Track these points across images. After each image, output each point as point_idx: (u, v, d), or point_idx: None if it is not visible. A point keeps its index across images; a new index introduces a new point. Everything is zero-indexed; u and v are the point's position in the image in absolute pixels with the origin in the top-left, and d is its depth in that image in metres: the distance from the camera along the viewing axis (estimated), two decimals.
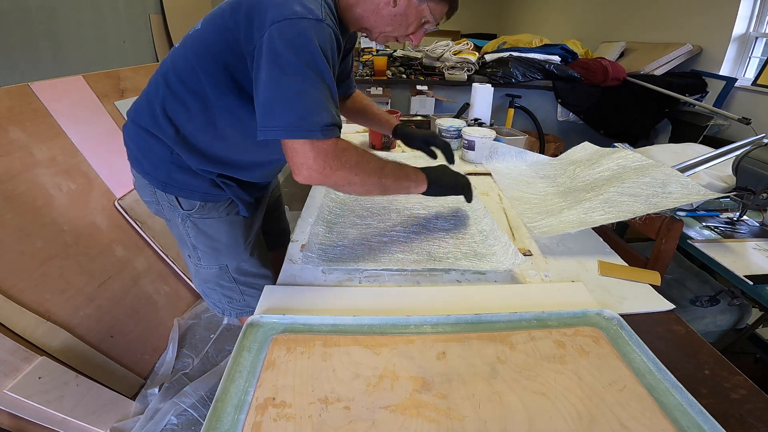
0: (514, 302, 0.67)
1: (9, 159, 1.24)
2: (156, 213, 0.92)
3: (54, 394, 1.09)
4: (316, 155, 0.64)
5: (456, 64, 2.82)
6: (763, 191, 1.00)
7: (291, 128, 0.62)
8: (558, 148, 2.71)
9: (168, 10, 3.19)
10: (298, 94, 0.62)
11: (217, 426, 0.45)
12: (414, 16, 0.77)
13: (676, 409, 0.48)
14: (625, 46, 3.40)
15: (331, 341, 0.57)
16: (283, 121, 0.62)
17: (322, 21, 0.63)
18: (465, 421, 0.46)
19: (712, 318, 1.17)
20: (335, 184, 0.69)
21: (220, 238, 0.90)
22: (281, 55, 0.61)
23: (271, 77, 0.62)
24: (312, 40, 0.62)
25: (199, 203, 0.85)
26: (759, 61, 2.57)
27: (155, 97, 0.78)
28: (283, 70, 0.61)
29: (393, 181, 0.74)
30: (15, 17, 2.11)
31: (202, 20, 0.76)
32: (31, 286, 1.17)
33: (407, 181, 0.78)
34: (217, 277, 0.96)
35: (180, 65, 0.75)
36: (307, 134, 0.62)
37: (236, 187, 0.85)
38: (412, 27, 0.79)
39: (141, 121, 0.80)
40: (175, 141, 0.78)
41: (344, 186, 0.70)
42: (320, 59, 0.63)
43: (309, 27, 0.62)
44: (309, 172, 0.65)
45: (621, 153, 1.06)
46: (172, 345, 1.55)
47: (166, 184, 0.82)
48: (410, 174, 0.79)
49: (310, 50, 0.62)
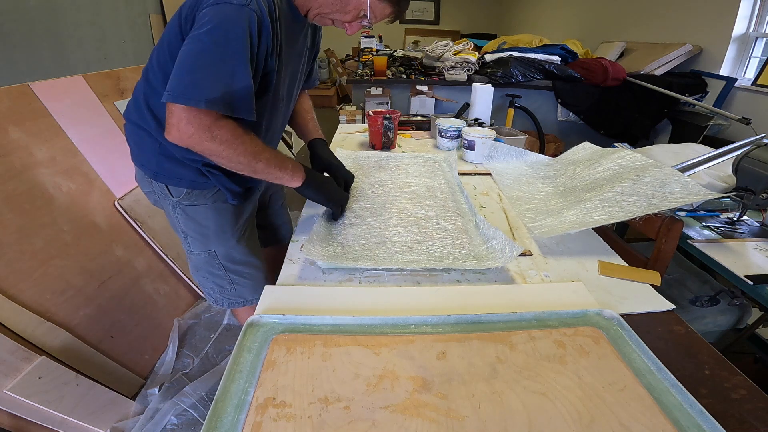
0: (514, 302, 0.67)
1: (9, 159, 1.24)
2: (155, 203, 0.99)
3: (54, 394, 1.09)
4: (188, 122, 0.69)
5: (456, 64, 2.82)
6: (763, 191, 1.00)
7: (176, 93, 0.67)
8: (558, 148, 2.71)
9: (168, 10, 3.19)
10: (196, 66, 0.68)
11: (217, 426, 0.45)
12: (354, 4, 0.79)
13: (676, 409, 0.48)
14: (625, 46, 3.40)
15: (331, 341, 0.57)
16: (174, 86, 0.68)
17: (245, 6, 0.68)
18: (465, 421, 0.46)
19: (712, 318, 1.17)
20: (202, 152, 0.74)
21: (208, 225, 0.95)
22: (199, 32, 0.68)
23: (184, 49, 0.69)
24: (229, 22, 0.68)
25: (186, 190, 0.90)
26: (759, 61, 2.57)
27: (139, 93, 0.86)
28: (193, 44, 0.68)
29: (265, 166, 0.79)
30: (15, 17, 2.11)
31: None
32: (31, 286, 1.17)
33: (281, 171, 0.82)
34: (206, 264, 1.00)
35: (155, 59, 0.82)
36: (187, 101, 0.67)
37: (222, 176, 0.88)
38: (350, 15, 0.81)
39: (131, 117, 0.89)
40: (158, 132, 0.83)
41: (212, 157, 0.75)
42: (235, 42, 0.68)
43: (230, 11, 0.68)
44: (178, 134, 0.70)
45: (621, 153, 1.06)
46: (172, 345, 1.55)
47: (156, 173, 0.88)
48: (288, 167, 0.83)
49: (224, 31, 0.68)
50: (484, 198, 1.10)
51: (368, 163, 1.28)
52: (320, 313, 0.63)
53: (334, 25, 0.86)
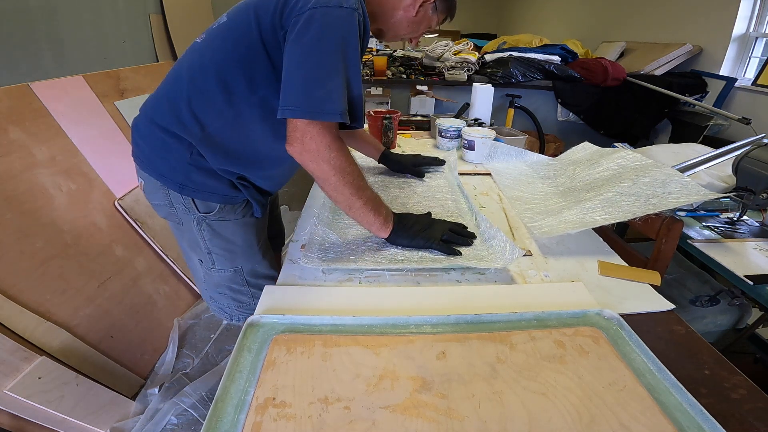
0: (514, 302, 0.67)
1: (9, 159, 1.24)
2: (166, 216, 0.89)
3: (54, 394, 1.09)
4: (312, 137, 0.66)
5: (456, 64, 2.82)
6: (763, 191, 1.00)
7: (308, 109, 0.65)
8: (558, 148, 2.71)
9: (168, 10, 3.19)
10: (322, 78, 0.65)
11: (217, 426, 0.45)
12: (426, 23, 0.86)
13: (676, 409, 0.48)
14: (625, 46, 3.40)
15: (331, 341, 0.57)
16: (303, 101, 0.65)
17: (355, 10, 0.66)
18: (465, 421, 0.46)
19: (712, 318, 1.17)
20: (313, 172, 0.71)
21: (236, 241, 0.90)
22: (311, 38, 0.64)
23: (296, 59, 0.66)
24: (343, 29, 0.65)
25: (219, 205, 0.84)
26: (759, 61, 2.57)
27: (178, 95, 0.77)
28: (309, 53, 0.64)
29: (363, 204, 0.74)
30: (15, 17, 2.11)
31: (227, 13, 0.78)
32: (31, 286, 1.17)
33: (375, 215, 0.77)
34: (230, 281, 0.94)
35: (209, 59, 0.74)
36: (323, 116, 0.65)
37: (252, 188, 0.86)
38: (420, 32, 0.88)
39: (160, 121, 0.78)
40: (200, 139, 0.77)
41: (318, 181, 0.72)
42: (352, 50, 0.66)
43: (343, 16, 0.65)
44: (301, 148, 0.68)
45: (621, 153, 1.06)
46: (172, 345, 1.55)
47: (183, 185, 0.81)
48: (383, 212, 0.78)
49: (341, 38, 0.65)
50: (484, 198, 1.10)
51: (368, 163, 1.28)
52: (320, 313, 0.63)
53: (402, 40, 0.94)
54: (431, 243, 0.79)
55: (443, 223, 0.84)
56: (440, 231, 0.81)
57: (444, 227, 0.82)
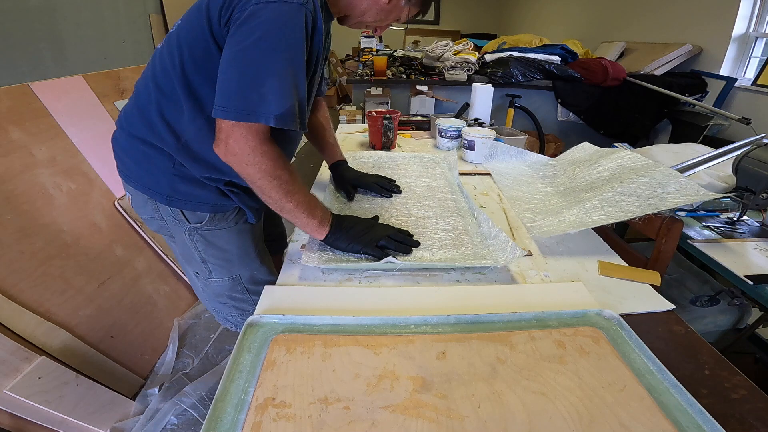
0: (514, 302, 0.67)
1: (9, 159, 1.24)
2: (158, 230, 0.87)
3: (54, 394, 1.09)
4: (236, 139, 0.64)
5: (456, 64, 2.82)
6: (763, 191, 1.00)
7: (240, 110, 0.62)
8: (558, 148, 2.71)
9: (168, 10, 3.19)
10: (258, 78, 0.61)
11: (217, 426, 0.45)
12: (395, 14, 0.82)
13: (676, 409, 0.48)
14: (625, 46, 3.40)
15: (331, 341, 0.57)
16: (234, 102, 0.61)
17: (303, 5, 0.63)
18: (465, 421, 0.46)
19: (712, 318, 1.17)
20: (240, 173, 0.68)
21: (231, 249, 0.88)
22: (251, 36, 0.60)
23: (233, 57, 0.62)
24: (287, 26, 0.61)
25: (209, 215, 0.81)
26: (759, 61, 2.57)
27: (148, 103, 0.74)
28: (246, 52, 0.61)
29: (294, 207, 0.72)
30: (15, 17, 2.11)
31: (183, 16, 0.74)
32: (31, 286, 1.17)
33: (309, 217, 0.74)
34: (229, 290, 0.92)
35: (170, 64, 0.71)
36: (257, 119, 0.62)
37: (243, 194, 0.83)
38: (388, 21, 0.84)
39: (136, 132, 0.77)
40: (177, 149, 0.75)
41: (247, 182, 0.70)
42: (296, 48, 0.63)
43: (288, 12, 0.61)
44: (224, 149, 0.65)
45: (621, 153, 1.06)
46: (172, 345, 1.55)
47: (170, 197, 0.78)
48: (317, 215, 0.75)
49: (283, 36, 0.61)
50: (484, 198, 1.10)
51: (368, 163, 1.28)
52: (320, 313, 0.63)
53: (366, 28, 0.87)
54: (366, 248, 0.76)
55: (385, 228, 0.81)
56: (379, 236, 0.78)
57: (384, 232, 0.79)
